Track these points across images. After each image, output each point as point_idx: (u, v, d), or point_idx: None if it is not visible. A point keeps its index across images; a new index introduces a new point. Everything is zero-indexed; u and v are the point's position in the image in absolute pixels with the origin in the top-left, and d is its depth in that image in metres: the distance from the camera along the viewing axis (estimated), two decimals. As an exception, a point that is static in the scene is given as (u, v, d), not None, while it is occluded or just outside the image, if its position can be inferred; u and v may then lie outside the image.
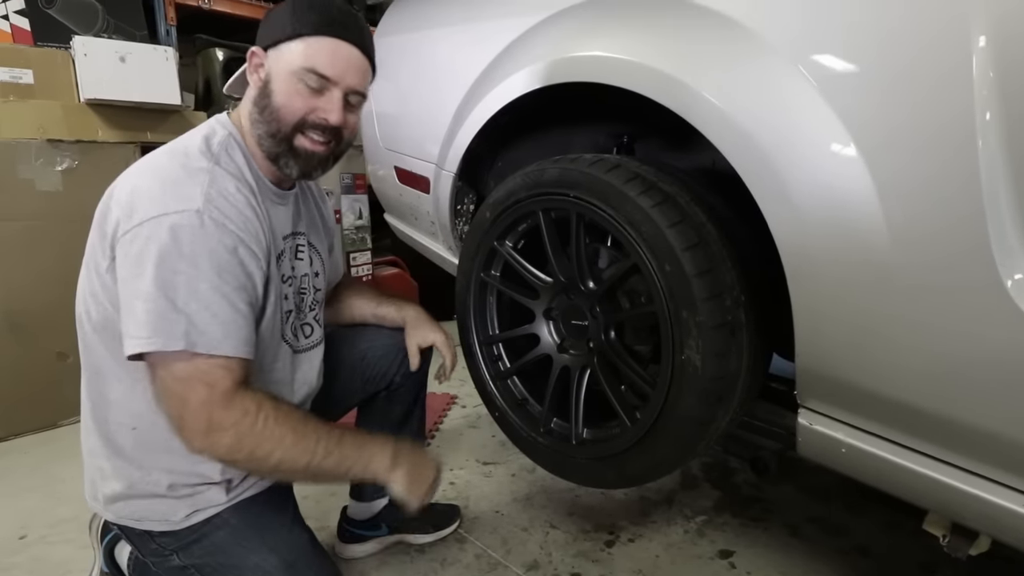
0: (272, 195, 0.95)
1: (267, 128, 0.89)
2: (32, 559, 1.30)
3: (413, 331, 1.21)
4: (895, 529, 1.40)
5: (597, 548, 1.34)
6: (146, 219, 0.78)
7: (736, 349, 0.90)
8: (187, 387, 0.78)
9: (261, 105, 0.89)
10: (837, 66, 0.73)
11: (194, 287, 0.77)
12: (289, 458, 0.82)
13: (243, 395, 0.81)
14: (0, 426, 1.79)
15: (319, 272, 1.09)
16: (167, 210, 0.78)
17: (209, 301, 0.78)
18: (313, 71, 0.87)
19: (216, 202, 0.81)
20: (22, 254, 1.79)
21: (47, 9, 1.92)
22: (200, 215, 0.79)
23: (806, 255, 0.78)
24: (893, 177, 0.69)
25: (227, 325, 0.80)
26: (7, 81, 1.78)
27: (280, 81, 0.88)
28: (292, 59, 0.88)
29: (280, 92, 0.88)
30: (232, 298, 0.80)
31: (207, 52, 2.44)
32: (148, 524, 0.91)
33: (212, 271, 0.79)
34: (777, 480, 1.61)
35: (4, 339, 1.77)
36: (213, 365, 0.79)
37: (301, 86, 0.88)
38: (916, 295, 0.69)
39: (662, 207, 0.90)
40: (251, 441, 0.80)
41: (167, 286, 0.77)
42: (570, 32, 1.04)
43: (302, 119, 0.89)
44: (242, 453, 0.80)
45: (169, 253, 0.77)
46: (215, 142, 0.89)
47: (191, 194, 0.80)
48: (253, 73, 0.92)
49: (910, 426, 0.75)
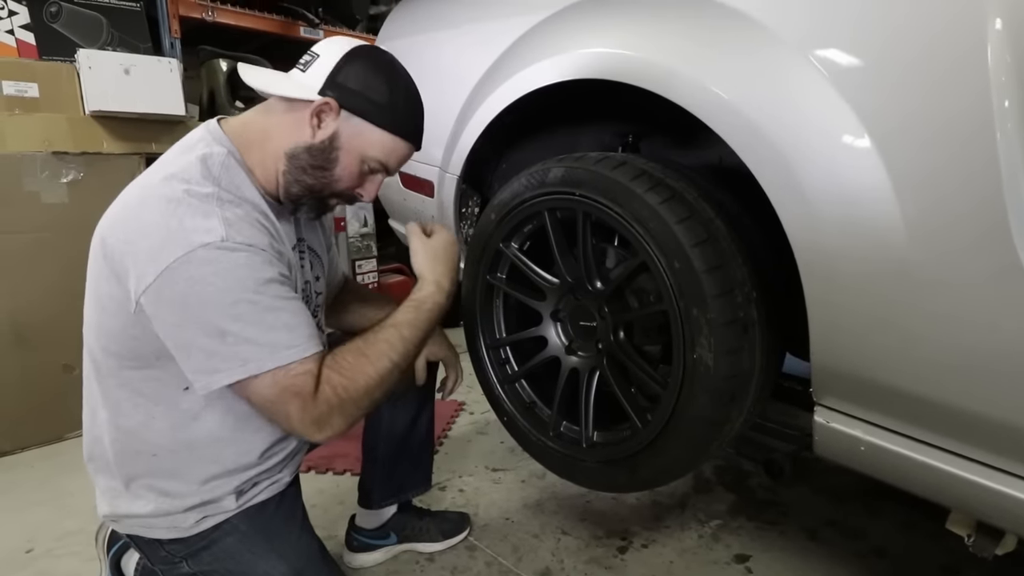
0: (276, 209, 0.93)
1: (312, 183, 0.89)
2: (39, 573, 1.29)
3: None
4: (913, 530, 1.37)
5: (610, 554, 1.32)
6: (174, 260, 0.75)
7: (748, 347, 0.88)
8: (282, 403, 0.81)
9: (318, 163, 0.88)
10: (849, 56, 0.72)
11: (241, 311, 0.77)
12: (382, 376, 0.87)
13: (321, 386, 0.83)
14: (6, 440, 1.79)
15: (319, 276, 1.08)
16: (192, 246, 0.75)
17: (262, 318, 0.78)
18: (383, 165, 0.92)
19: (236, 226, 0.79)
20: (28, 267, 1.79)
21: (52, 23, 1.94)
22: (226, 243, 0.77)
23: (820, 249, 0.76)
24: (909, 168, 0.68)
25: (290, 330, 0.81)
26: (13, 95, 1.78)
27: (348, 156, 0.89)
28: (371, 146, 0.90)
29: (344, 166, 0.90)
30: (279, 305, 0.80)
31: (211, 63, 2.45)
32: (158, 532, 0.90)
33: (253, 290, 0.78)
34: (792, 482, 1.58)
35: (10, 352, 1.77)
36: (292, 375, 0.80)
37: (362, 167, 0.91)
38: (936, 287, 0.68)
39: (670, 203, 0.89)
40: (351, 406, 0.84)
41: (219, 319, 0.77)
42: (572, 30, 1.03)
43: (343, 191, 0.93)
44: (355, 414, 0.86)
45: (210, 287, 0.76)
46: (214, 164, 0.84)
47: (210, 225, 0.77)
48: (313, 118, 0.86)
49: (932, 421, 0.73)
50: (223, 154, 0.86)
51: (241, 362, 0.77)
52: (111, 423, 0.88)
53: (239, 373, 0.78)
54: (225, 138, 0.88)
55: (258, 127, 0.90)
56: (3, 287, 1.75)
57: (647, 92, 0.91)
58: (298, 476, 1.12)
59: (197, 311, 0.76)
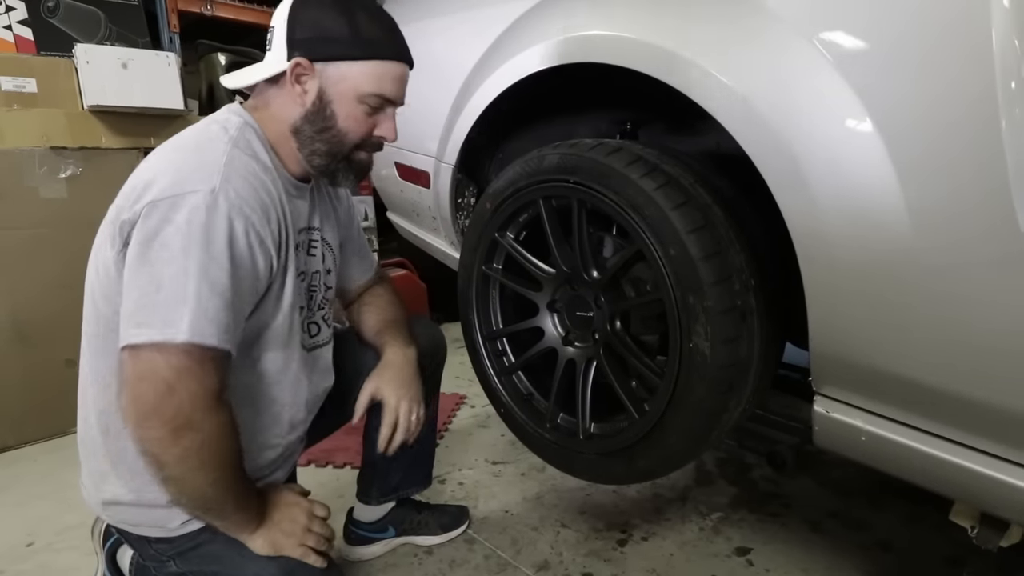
0: (291, 186, 0.92)
1: (326, 148, 0.88)
2: (39, 566, 1.29)
3: (375, 378, 1.06)
4: (918, 522, 1.35)
5: (609, 547, 1.31)
6: (162, 197, 0.75)
7: (747, 335, 0.86)
8: (180, 379, 0.74)
9: (319, 126, 0.87)
10: (851, 38, 0.70)
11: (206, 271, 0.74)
12: (205, 483, 0.79)
13: (223, 405, 0.78)
14: (10, 435, 1.80)
15: (331, 269, 1.06)
16: (184, 190, 0.75)
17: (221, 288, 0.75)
18: (381, 96, 0.87)
19: (233, 181, 0.78)
20: (28, 262, 1.79)
21: (49, 18, 1.93)
22: (215, 195, 0.76)
23: (820, 236, 0.74)
24: (913, 153, 0.66)
25: (219, 314, 0.76)
26: (11, 90, 1.78)
27: (343, 104, 0.86)
28: (358, 83, 0.86)
29: (343, 116, 0.87)
30: (238, 288, 0.78)
31: (209, 57, 2.44)
32: (144, 530, 0.89)
33: (224, 257, 0.76)
34: (795, 475, 1.56)
35: (12, 348, 1.78)
36: (211, 362, 0.76)
37: (364, 108, 0.87)
38: (940, 272, 0.66)
39: (665, 189, 0.87)
40: (206, 452, 0.77)
41: (176, 271, 0.74)
42: (566, 11, 1.01)
43: (361, 140, 0.89)
44: (189, 461, 0.76)
45: (178, 235, 0.74)
46: (231, 127, 0.86)
47: (208, 174, 0.77)
48: (295, 84, 0.86)
49: (935, 410, 0.71)
50: (241, 123, 0.88)
51: (183, 325, 0.73)
52: (98, 398, 0.87)
53: (174, 335, 0.73)
54: (246, 113, 0.90)
55: (266, 115, 0.91)
56: (3, 283, 1.75)
57: (644, 77, 0.89)
58: (294, 474, 1.11)
59: (161, 253, 0.74)
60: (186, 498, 0.81)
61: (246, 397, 0.89)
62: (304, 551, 0.89)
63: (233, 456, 0.82)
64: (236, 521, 0.86)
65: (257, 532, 0.88)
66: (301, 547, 0.89)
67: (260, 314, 0.86)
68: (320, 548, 0.91)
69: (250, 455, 0.89)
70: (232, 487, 0.82)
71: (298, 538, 0.89)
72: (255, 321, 0.86)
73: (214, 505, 0.83)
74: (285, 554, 0.88)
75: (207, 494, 0.80)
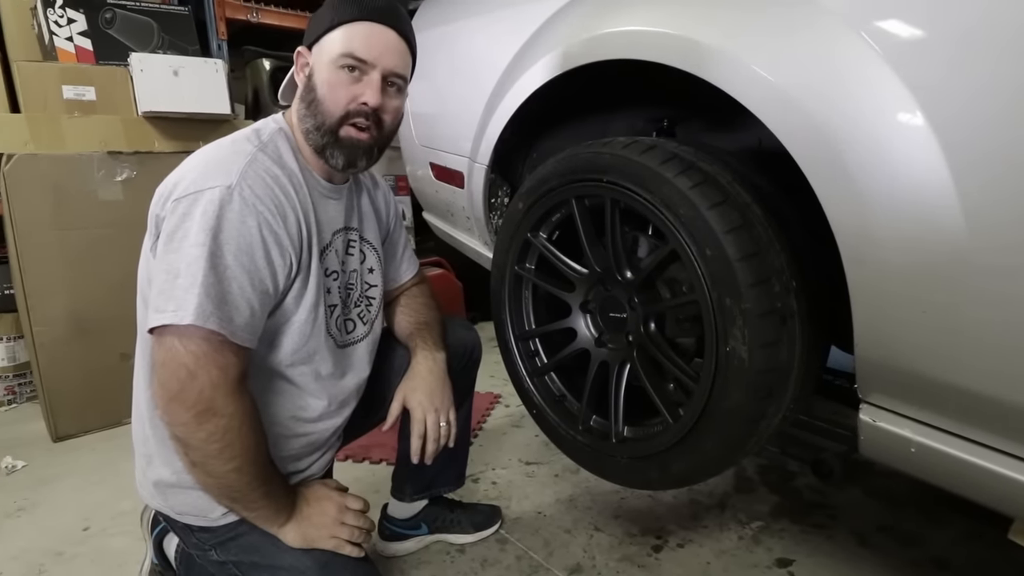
0: (321, 188, 0.95)
1: (314, 122, 0.90)
2: (94, 550, 1.36)
3: (403, 387, 1.07)
4: (976, 539, 1.27)
5: (644, 553, 1.28)
6: (185, 194, 0.80)
7: (787, 339, 0.83)
8: (199, 364, 0.77)
9: (307, 100, 0.90)
10: (906, 31, 0.65)
11: (214, 262, 0.78)
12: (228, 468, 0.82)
13: (244, 392, 0.82)
14: (71, 424, 1.91)
15: (373, 268, 1.07)
16: (204, 186, 0.80)
17: (225, 279, 0.79)
18: (350, 55, 0.87)
19: (249, 180, 0.82)
20: (88, 261, 1.89)
21: (107, 29, 2.04)
22: (230, 191, 0.80)
23: (867, 237, 0.70)
24: (968, 149, 0.61)
25: (236, 309, 0.80)
26: (72, 98, 1.89)
27: (322, 72, 0.89)
28: (331, 48, 0.88)
29: (322, 83, 0.89)
30: (242, 282, 0.81)
31: (255, 63, 2.52)
32: (187, 519, 0.93)
33: (232, 250, 0.79)
34: (842, 484, 1.49)
35: (73, 342, 1.88)
36: (229, 349, 0.80)
37: (342, 74, 0.88)
38: (996, 275, 0.61)
39: (702, 187, 0.84)
40: (230, 437, 0.80)
41: (189, 259, 0.77)
42: (600, 9, 1.00)
43: (345, 110, 0.89)
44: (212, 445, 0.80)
45: (194, 227, 0.78)
46: (264, 133, 0.92)
47: (227, 172, 0.82)
48: (300, 72, 0.93)
49: (990, 421, 0.66)
50: (275, 129, 0.93)
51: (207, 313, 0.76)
52: (147, 380, 0.90)
53: (201, 320, 0.76)
54: (282, 120, 0.96)
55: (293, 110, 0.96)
56: (65, 281, 1.86)
57: (680, 72, 0.86)
58: (331, 470, 1.13)
59: (182, 246, 0.78)
60: (212, 484, 0.84)
61: (268, 386, 0.92)
62: (337, 543, 0.91)
63: (256, 444, 0.84)
64: (264, 514, 0.88)
65: (288, 525, 0.90)
66: (333, 539, 0.91)
67: (282, 310, 0.89)
68: (354, 540, 0.93)
69: (273, 444, 0.91)
70: (257, 476, 0.85)
71: (329, 530, 0.91)
72: (277, 316, 0.89)
73: (239, 494, 0.85)
74: (318, 547, 0.90)
75: (231, 481, 0.83)
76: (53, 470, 1.71)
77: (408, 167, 1.81)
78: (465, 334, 1.22)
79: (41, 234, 1.81)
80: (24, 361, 2.15)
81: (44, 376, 1.86)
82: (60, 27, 1.95)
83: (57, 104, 1.87)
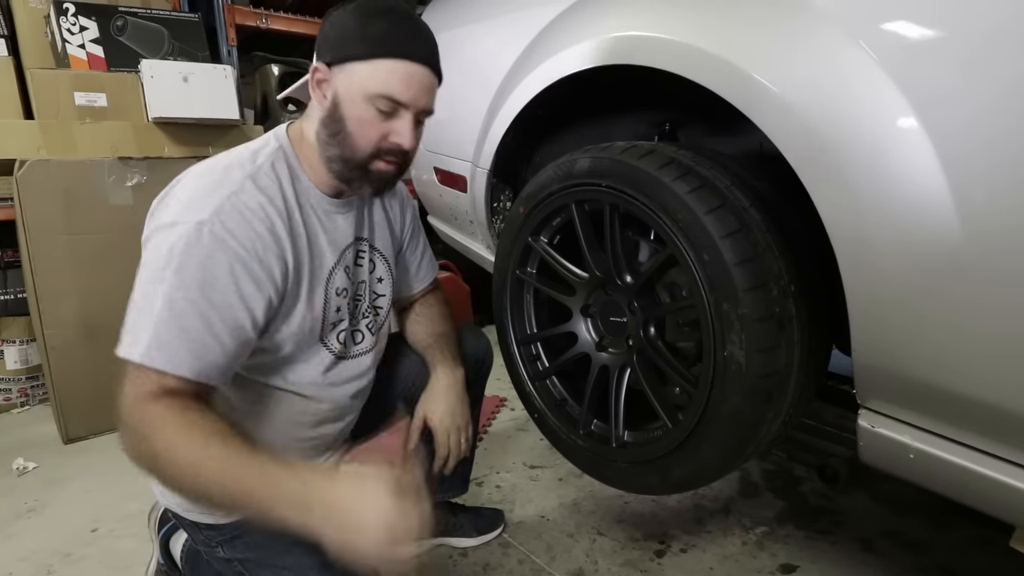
0: (328, 206, 0.93)
1: (340, 152, 0.86)
2: (102, 551, 1.38)
3: (424, 404, 1.08)
4: (984, 546, 1.26)
5: (646, 557, 1.28)
6: (160, 225, 0.79)
7: (785, 344, 0.83)
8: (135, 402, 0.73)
9: (332, 129, 0.86)
10: (902, 38, 0.65)
11: (171, 298, 0.75)
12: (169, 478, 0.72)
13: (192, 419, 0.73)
14: (81, 426, 1.93)
15: (383, 277, 1.06)
16: (179, 220, 0.77)
17: (183, 315, 0.75)
18: (389, 98, 0.83)
19: (224, 215, 0.78)
20: (98, 264, 1.91)
21: (118, 36, 2.07)
22: (200, 227, 0.76)
23: (863, 242, 0.70)
24: (965, 155, 0.61)
25: (194, 344, 0.75)
26: (84, 104, 1.92)
27: (351, 106, 0.84)
28: (364, 83, 0.82)
29: (352, 119, 0.84)
30: (209, 317, 0.77)
31: (264, 69, 2.55)
32: (194, 516, 0.94)
33: (195, 285, 0.76)
34: (848, 489, 1.48)
35: (83, 345, 1.91)
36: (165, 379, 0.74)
37: (373, 111, 0.84)
38: (994, 280, 0.61)
39: (699, 192, 0.85)
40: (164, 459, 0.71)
41: (149, 295, 0.76)
42: (600, 13, 1.00)
43: (377, 147, 0.86)
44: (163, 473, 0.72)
45: (160, 261, 0.76)
46: (262, 156, 0.87)
47: (203, 206, 0.78)
48: (316, 89, 0.87)
49: (989, 427, 0.65)
50: (275, 149, 0.88)
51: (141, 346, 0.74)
52: None
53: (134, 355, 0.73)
54: (285, 136, 0.91)
55: (306, 126, 0.91)
56: (76, 284, 1.88)
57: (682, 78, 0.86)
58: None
59: (144, 276, 0.77)
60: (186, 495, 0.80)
61: (267, 397, 0.92)
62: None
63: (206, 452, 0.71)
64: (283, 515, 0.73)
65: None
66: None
67: (272, 338, 0.88)
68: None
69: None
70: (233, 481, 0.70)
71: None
72: (267, 343, 0.88)
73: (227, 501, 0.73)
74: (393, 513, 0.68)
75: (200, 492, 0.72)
76: (63, 472, 1.73)
77: (413, 172, 1.82)
78: (477, 344, 1.23)
79: (53, 238, 1.84)
80: (36, 364, 2.18)
81: (55, 379, 1.88)
82: (73, 35, 1.98)
83: (69, 110, 1.90)
